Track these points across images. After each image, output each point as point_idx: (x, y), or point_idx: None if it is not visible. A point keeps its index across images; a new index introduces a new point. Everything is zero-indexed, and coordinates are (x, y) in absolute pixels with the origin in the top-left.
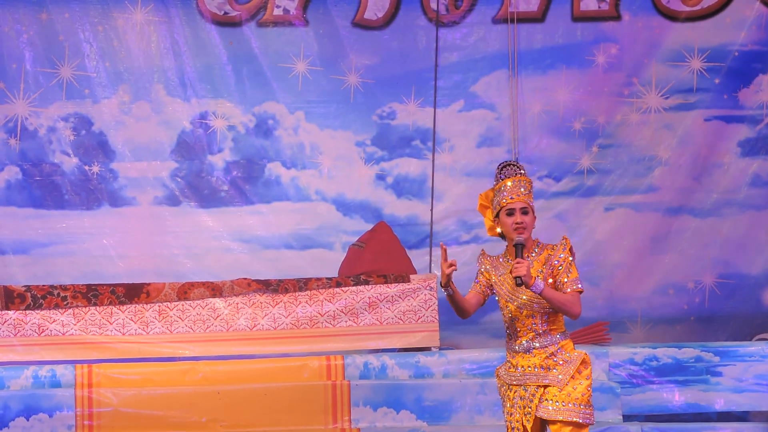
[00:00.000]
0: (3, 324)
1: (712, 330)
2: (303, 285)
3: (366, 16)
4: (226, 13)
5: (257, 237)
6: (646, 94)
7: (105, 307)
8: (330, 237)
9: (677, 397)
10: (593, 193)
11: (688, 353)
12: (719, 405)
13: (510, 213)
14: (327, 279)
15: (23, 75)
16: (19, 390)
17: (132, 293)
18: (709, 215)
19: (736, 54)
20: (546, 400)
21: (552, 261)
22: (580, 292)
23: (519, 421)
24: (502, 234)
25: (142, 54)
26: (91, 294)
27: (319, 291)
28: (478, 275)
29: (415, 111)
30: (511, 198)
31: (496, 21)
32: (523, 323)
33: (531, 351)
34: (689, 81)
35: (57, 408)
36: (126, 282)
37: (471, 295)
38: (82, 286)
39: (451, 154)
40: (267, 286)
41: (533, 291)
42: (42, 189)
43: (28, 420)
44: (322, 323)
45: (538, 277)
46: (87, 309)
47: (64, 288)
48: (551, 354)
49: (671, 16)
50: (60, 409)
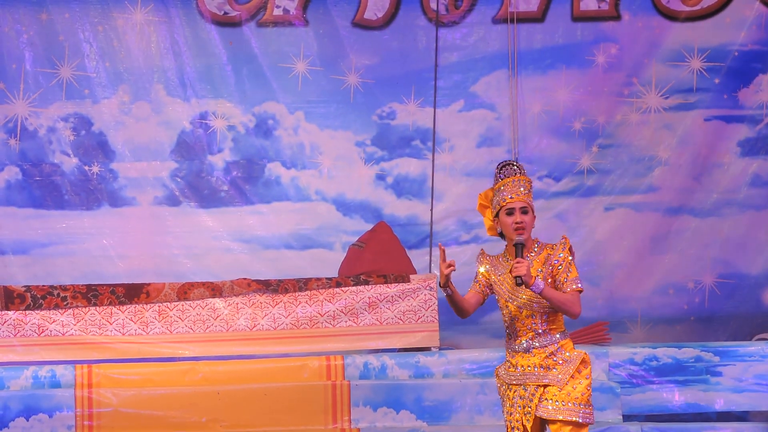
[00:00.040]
0: (3, 324)
1: (712, 330)
2: (303, 285)
3: (366, 16)
4: (225, 13)
5: (257, 237)
6: (646, 94)
7: (105, 308)
8: (330, 237)
9: (677, 397)
10: (593, 193)
11: (688, 353)
12: (719, 405)
13: (510, 212)
14: (327, 279)
15: (23, 75)
16: (19, 390)
17: (132, 293)
18: (709, 215)
19: (735, 54)
20: (546, 399)
21: (551, 260)
22: (579, 291)
23: (519, 421)
24: (501, 234)
25: (142, 54)
26: (91, 294)
27: (319, 291)
28: (477, 275)
29: (415, 111)
30: (511, 197)
31: (496, 21)
32: (523, 323)
33: (531, 350)
34: (689, 81)
35: (57, 408)
36: (126, 282)
37: (470, 295)
38: (82, 286)
39: (451, 154)
40: (267, 286)
41: (533, 291)
42: (42, 189)
43: (27, 420)
44: (322, 323)
45: (537, 277)
46: (87, 309)
47: (63, 288)
48: (551, 353)
49: (671, 16)
50: (60, 410)
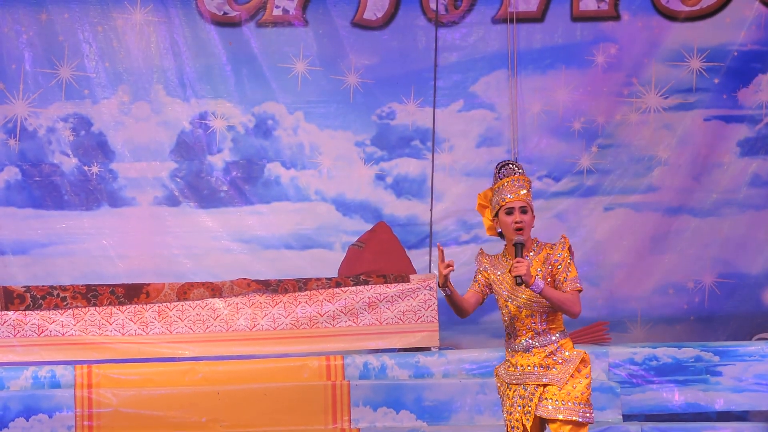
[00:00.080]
0: (3, 324)
1: (711, 330)
2: (303, 285)
3: (365, 16)
4: (225, 14)
5: (257, 237)
6: (645, 93)
7: (105, 308)
8: (330, 237)
9: (677, 397)
10: (593, 193)
11: (687, 353)
12: (719, 405)
13: (509, 212)
14: (327, 279)
15: (23, 75)
16: (19, 390)
17: (132, 293)
18: (709, 215)
19: (735, 54)
20: (545, 398)
21: (551, 260)
22: (579, 291)
23: (519, 420)
24: (501, 233)
25: (141, 54)
26: (91, 294)
27: (319, 291)
28: (476, 274)
29: (415, 111)
30: (510, 197)
31: (495, 21)
32: (523, 322)
33: (530, 350)
34: (689, 81)
35: (57, 408)
36: (126, 282)
37: (470, 295)
38: (81, 286)
39: (451, 154)
40: (267, 286)
41: (533, 290)
42: (41, 189)
43: (27, 420)
44: (321, 323)
45: (537, 276)
46: (87, 309)
47: (63, 288)
48: (551, 353)
49: (670, 15)
50: (60, 410)
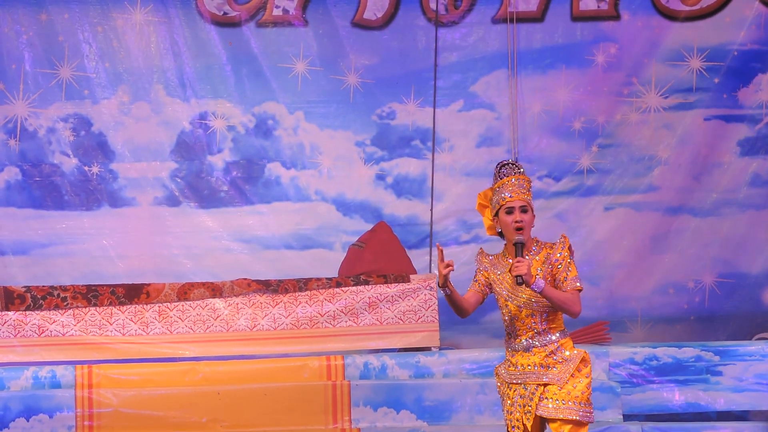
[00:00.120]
0: (3, 325)
1: (712, 329)
2: (303, 285)
3: (365, 16)
4: (225, 14)
5: (257, 237)
6: (645, 93)
7: (105, 308)
8: (330, 237)
9: (677, 397)
10: (593, 193)
11: (688, 353)
12: (719, 404)
13: (509, 211)
14: (327, 279)
15: (23, 76)
16: (19, 391)
17: (132, 294)
18: (709, 215)
19: (735, 53)
20: (546, 398)
21: (551, 259)
22: (579, 290)
23: (519, 420)
24: (501, 233)
25: (141, 54)
26: (91, 294)
27: (319, 291)
28: (476, 274)
29: (415, 111)
30: (510, 196)
31: (495, 21)
32: (523, 322)
33: (531, 349)
34: (689, 80)
35: (57, 409)
36: (126, 282)
37: (470, 295)
38: (81, 286)
39: (451, 154)
40: (267, 286)
41: (533, 290)
42: (42, 189)
43: (28, 421)
44: (322, 323)
45: (538, 276)
46: (87, 309)
47: (64, 289)
48: (551, 352)
49: (670, 15)
50: (60, 410)
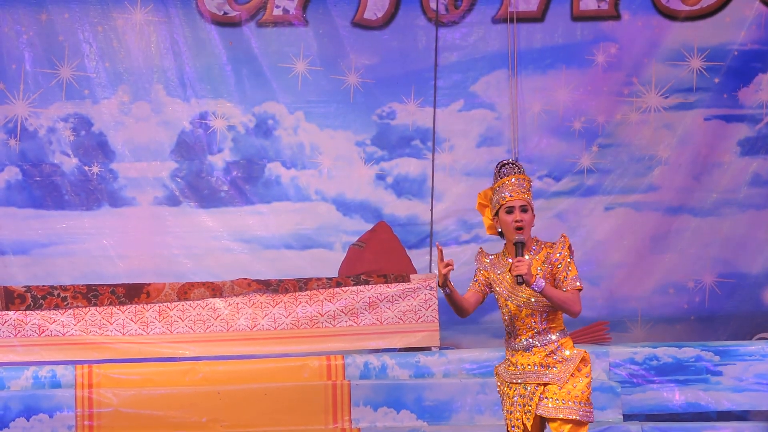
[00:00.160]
0: (3, 324)
1: (712, 329)
2: (303, 285)
3: (366, 16)
4: (225, 13)
5: (257, 237)
6: (645, 93)
7: (105, 308)
8: (330, 237)
9: (677, 397)
10: (593, 193)
11: (688, 353)
12: (719, 404)
13: (509, 211)
14: (327, 279)
15: (23, 75)
16: (20, 390)
17: (132, 293)
18: (709, 214)
19: (735, 53)
20: (546, 398)
21: (551, 259)
22: (579, 290)
23: (519, 420)
24: (501, 232)
25: (141, 54)
26: (91, 294)
27: (319, 291)
28: (476, 274)
29: (415, 111)
30: (510, 196)
31: (495, 21)
32: (523, 321)
33: (531, 349)
34: (689, 80)
35: (57, 408)
36: (126, 282)
37: (470, 294)
38: (82, 286)
39: (451, 153)
40: (267, 286)
41: (534, 289)
42: (42, 189)
43: (28, 420)
44: (322, 323)
45: (538, 276)
46: (87, 309)
47: (64, 288)
48: (551, 352)
49: (671, 15)
50: (60, 410)
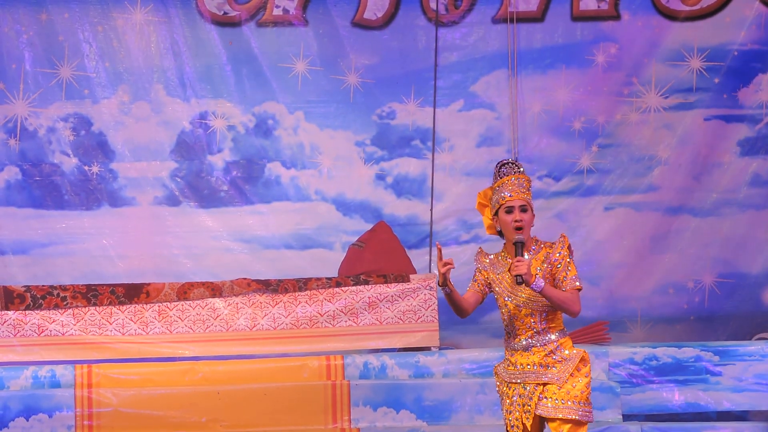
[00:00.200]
0: (3, 324)
1: (712, 329)
2: (303, 285)
3: (366, 16)
4: (225, 13)
5: (257, 237)
6: (645, 93)
7: (105, 308)
8: (330, 237)
9: (677, 397)
10: (593, 193)
11: (687, 353)
12: (719, 404)
13: (509, 211)
14: (327, 279)
15: (23, 75)
16: (19, 390)
17: (132, 293)
18: (709, 215)
19: (735, 53)
20: (545, 397)
21: (551, 259)
22: (579, 289)
23: (518, 419)
24: (500, 232)
25: (141, 54)
26: (91, 294)
27: (319, 291)
28: (476, 274)
29: (415, 111)
30: (510, 196)
31: (495, 21)
32: (522, 321)
33: (530, 349)
34: (689, 80)
35: (57, 408)
36: (126, 282)
37: (469, 294)
38: (81, 286)
39: (451, 153)
40: (267, 286)
41: (533, 289)
42: (42, 189)
43: (27, 420)
44: (321, 323)
45: (537, 275)
46: (87, 309)
47: (63, 288)
48: (550, 352)
49: (671, 15)
50: (60, 410)
